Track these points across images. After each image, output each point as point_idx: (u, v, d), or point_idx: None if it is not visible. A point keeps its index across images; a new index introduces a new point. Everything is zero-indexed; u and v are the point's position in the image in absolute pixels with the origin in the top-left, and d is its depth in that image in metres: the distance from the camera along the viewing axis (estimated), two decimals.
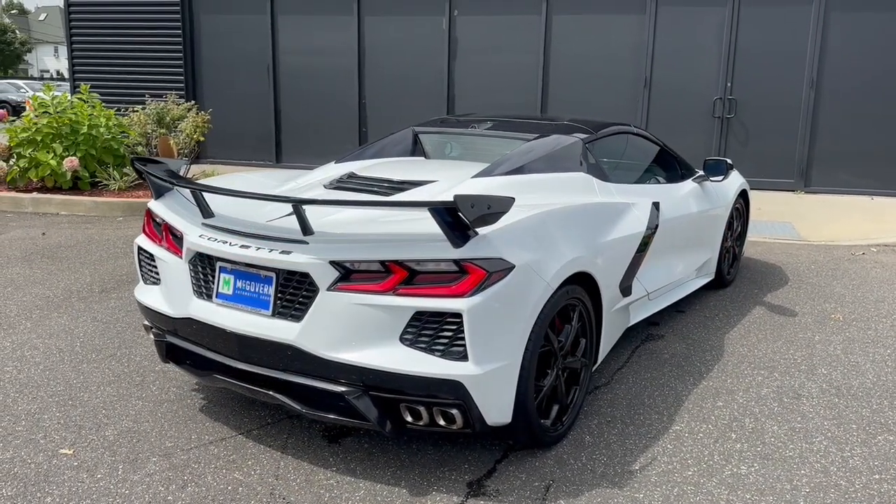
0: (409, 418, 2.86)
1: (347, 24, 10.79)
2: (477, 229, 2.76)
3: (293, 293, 2.87)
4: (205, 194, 3.15)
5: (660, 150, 4.92)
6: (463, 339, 2.70)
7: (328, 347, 2.79)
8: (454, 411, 2.78)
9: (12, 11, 77.50)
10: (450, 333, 2.72)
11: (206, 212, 3.15)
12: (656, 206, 4.20)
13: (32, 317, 4.82)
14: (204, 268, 3.12)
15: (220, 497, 2.85)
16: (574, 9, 10.04)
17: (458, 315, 2.68)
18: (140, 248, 3.50)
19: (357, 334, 2.77)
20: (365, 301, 2.74)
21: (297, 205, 2.78)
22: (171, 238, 3.28)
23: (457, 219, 2.65)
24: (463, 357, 2.72)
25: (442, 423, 2.84)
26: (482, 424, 2.84)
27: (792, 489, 2.94)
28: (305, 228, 2.82)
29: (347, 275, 2.78)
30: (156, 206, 3.44)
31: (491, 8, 10.27)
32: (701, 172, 5.07)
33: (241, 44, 11.27)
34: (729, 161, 4.93)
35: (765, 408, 3.64)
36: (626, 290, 3.82)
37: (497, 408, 2.85)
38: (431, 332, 2.73)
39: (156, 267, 3.39)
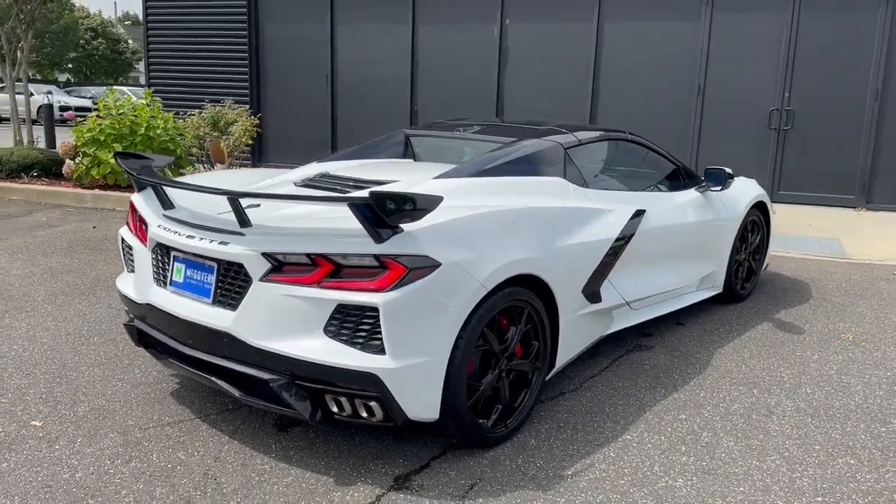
0: (334, 409, 2.94)
1: (402, 33, 11.00)
2: (403, 226, 2.82)
3: (231, 282, 3.00)
4: (176, 188, 3.34)
5: (659, 158, 4.82)
6: (381, 332, 2.76)
7: (259, 336, 2.91)
8: (373, 404, 2.83)
9: (126, 22, 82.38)
10: (368, 327, 2.79)
11: (165, 203, 3.34)
12: (640, 213, 4.13)
13: (56, 301, 5.16)
14: (162, 256, 3.30)
15: (158, 474, 3.01)
16: (626, 16, 9.90)
17: (376, 309, 2.74)
18: (122, 239, 3.72)
19: (285, 324, 2.87)
20: (292, 292, 2.84)
21: (234, 198, 2.92)
22: (143, 228, 3.48)
23: (376, 215, 2.71)
24: (380, 351, 2.77)
25: (364, 415, 2.90)
26: (403, 418, 2.88)
27: None
28: (242, 221, 2.95)
29: (280, 266, 2.88)
30: (136, 198, 3.65)
31: (542, 16, 10.26)
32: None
33: (302, 53, 11.66)
34: (728, 171, 4.77)
35: (728, 423, 3.52)
36: (592, 296, 3.77)
37: (419, 403, 2.89)
38: (352, 324, 2.81)
39: (133, 256, 3.60)
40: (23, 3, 10.16)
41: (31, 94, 26.66)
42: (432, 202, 2.80)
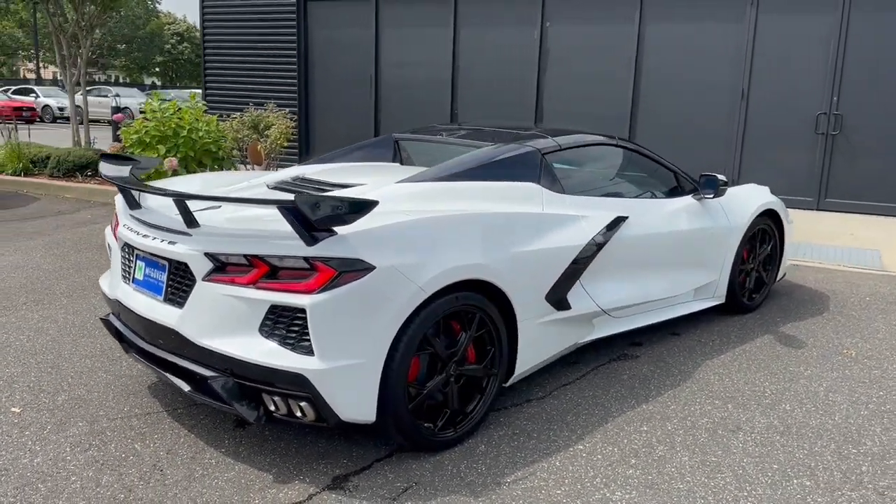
0: (272, 408, 3.00)
1: (444, 36, 11.06)
2: (339, 229, 2.86)
3: (179, 281, 3.11)
4: (136, 190, 3.48)
5: (654, 165, 4.70)
6: (309, 334, 2.80)
7: (202, 334, 3.00)
8: (304, 404, 2.88)
9: None
10: (298, 328, 2.84)
11: (132, 204, 3.48)
12: (620, 220, 4.05)
13: (73, 295, 5.43)
14: (128, 255, 3.44)
15: (110, 463, 3.13)
16: (668, 18, 9.68)
17: (305, 310, 2.79)
18: (106, 238, 3.89)
19: (225, 323, 2.95)
20: (231, 292, 2.92)
21: (180, 199, 3.02)
22: (118, 228, 3.63)
23: (305, 218, 2.76)
24: (309, 352, 2.82)
25: (299, 414, 2.95)
26: (335, 419, 2.92)
27: None
28: (189, 221, 3.05)
29: (222, 267, 2.97)
30: (117, 198, 3.81)
31: (583, 18, 10.13)
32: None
33: (348, 56, 11.87)
34: (721, 178, 4.61)
35: (689, 437, 3.42)
36: (559, 303, 3.72)
37: (351, 404, 2.92)
38: (284, 325, 2.87)
39: (111, 254, 3.76)
40: (82, 12, 10.69)
41: (117, 97, 28.19)
42: (364, 206, 2.83)
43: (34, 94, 31.47)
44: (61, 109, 30.96)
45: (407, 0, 11.33)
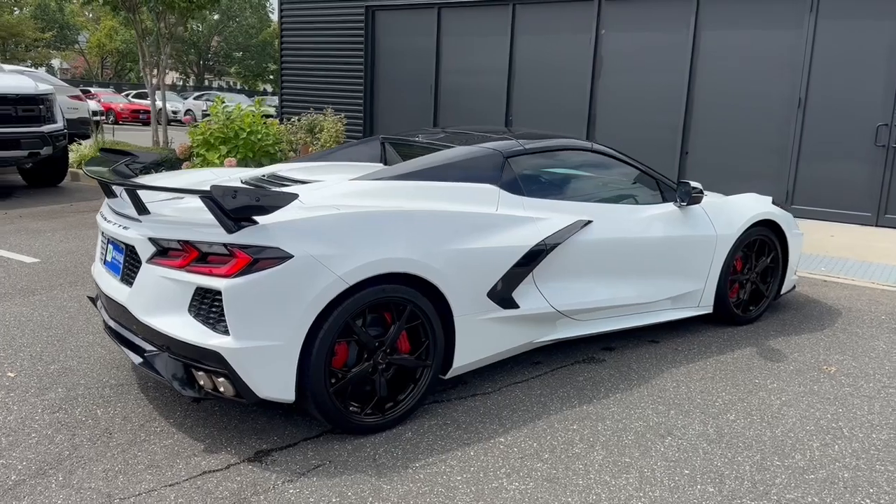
0: (201, 383, 3.26)
1: (501, 44, 11.21)
2: (261, 219, 3.10)
3: (130, 263, 3.43)
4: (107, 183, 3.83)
5: (634, 171, 4.69)
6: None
7: (144, 311, 3.31)
8: (222, 380, 3.13)
9: None
10: (217, 309, 3.09)
11: (109, 194, 3.85)
12: (581, 224, 4.10)
13: None
14: (104, 240, 3.81)
15: (70, 424, 3.49)
16: (724, 25, 9.45)
17: (221, 293, 3.04)
18: None
19: (162, 303, 3.25)
20: (166, 274, 3.21)
21: (131, 189, 3.34)
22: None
23: (223, 207, 3.01)
24: (226, 331, 3.07)
25: (221, 390, 3.20)
26: (252, 396, 3.15)
27: None
28: (140, 209, 3.37)
29: (163, 251, 3.27)
30: None
31: (638, 26, 10.04)
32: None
33: (410, 63, 12.21)
34: (694, 185, 4.55)
35: (614, 438, 3.45)
36: (504, 301, 3.81)
37: (268, 383, 3.14)
38: (206, 306, 3.13)
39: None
40: (163, 21, 11.51)
41: (207, 101, 29.83)
42: (280, 199, 3.06)
43: None
44: (174, 112, 33.08)
45: (467, 8, 11.56)
